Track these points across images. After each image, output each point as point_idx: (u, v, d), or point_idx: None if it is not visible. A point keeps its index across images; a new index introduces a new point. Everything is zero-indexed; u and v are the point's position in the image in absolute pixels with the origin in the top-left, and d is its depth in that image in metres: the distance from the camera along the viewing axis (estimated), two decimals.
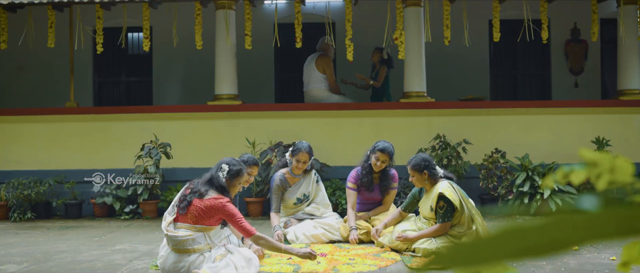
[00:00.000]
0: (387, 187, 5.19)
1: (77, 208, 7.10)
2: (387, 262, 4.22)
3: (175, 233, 3.76)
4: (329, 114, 7.40)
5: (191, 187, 3.91)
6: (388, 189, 5.22)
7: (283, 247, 3.89)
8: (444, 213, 4.38)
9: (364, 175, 5.10)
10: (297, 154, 5.19)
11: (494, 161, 6.78)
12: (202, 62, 8.73)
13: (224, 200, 3.81)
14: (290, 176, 5.31)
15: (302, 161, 5.17)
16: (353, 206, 5.10)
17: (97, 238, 5.61)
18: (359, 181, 5.14)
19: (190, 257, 3.76)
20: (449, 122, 7.25)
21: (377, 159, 5.03)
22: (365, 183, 5.13)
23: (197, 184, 3.92)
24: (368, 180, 5.11)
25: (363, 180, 5.11)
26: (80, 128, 7.47)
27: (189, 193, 3.87)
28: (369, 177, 5.11)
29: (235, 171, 3.98)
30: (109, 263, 4.40)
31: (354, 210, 5.10)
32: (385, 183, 5.18)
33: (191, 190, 3.89)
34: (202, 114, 7.41)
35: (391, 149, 5.06)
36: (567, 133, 7.36)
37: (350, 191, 5.16)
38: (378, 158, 5.02)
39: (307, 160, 5.19)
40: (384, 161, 5.01)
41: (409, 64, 7.34)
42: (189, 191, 3.88)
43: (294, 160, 5.22)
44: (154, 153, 6.80)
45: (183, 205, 3.81)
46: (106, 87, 9.78)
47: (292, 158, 5.24)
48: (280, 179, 5.27)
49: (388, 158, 5.02)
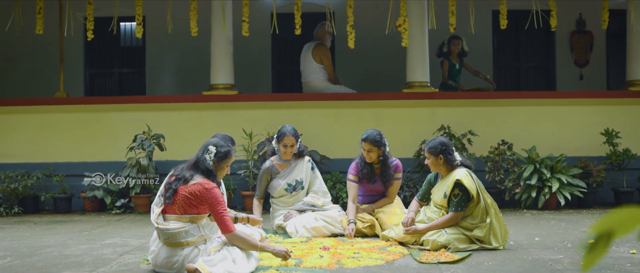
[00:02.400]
0: (388, 177, 4.96)
1: (66, 202, 6.83)
2: (395, 256, 3.96)
3: (166, 225, 3.48)
4: (328, 105, 7.14)
5: (175, 174, 3.63)
6: (390, 180, 4.99)
7: (259, 245, 3.60)
8: (458, 201, 4.13)
9: (363, 166, 4.90)
10: (283, 139, 5.04)
11: (501, 153, 6.53)
12: (197, 52, 8.47)
13: (211, 185, 3.54)
14: (279, 162, 5.16)
15: (289, 144, 5.03)
16: (354, 199, 4.87)
17: (87, 232, 5.34)
18: (360, 173, 4.92)
19: (183, 250, 3.48)
20: (452, 113, 7.01)
21: (363, 149, 4.84)
22: (366, 175, 4.92)
23: (181, 170, 3.63)
24: (368, 171, 4.91)
25: (363, 172, 4.90)
26: (70, 119, 7.19)
27: (174, 180, 3.59)
28: (368, 168, 4.91)
29: (223, 153, 3.70)
30: (97, 258, 4.12)
31: (355, 203, 4.87)
32: (386, 174, 4.94)
33: (176, 177, 3.60)
34: (197, 105, 7.13)
35: (374, 135, 4.80)
36: (575, 125, 7.12)
37: (351, 183, 4.95)
38: (363, 148, 4.83)
39: (294, 143, 5.06)
40: (369, 150, 4.79)
41: (412, 52, 7.09)
42: (173, 179, 3.60)
43: (280, 147, 5.06)
44: (147, 145, 6.53)
45: (169, 194, 3.53)
46: (98, 79, 9.49)
47: (278, 145, 5.08)
48: (267, 165, 5.14)
49: (373, 146, 4.78)
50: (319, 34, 7.45)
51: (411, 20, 6.90)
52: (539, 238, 4.63)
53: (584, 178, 6.46)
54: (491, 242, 4.14)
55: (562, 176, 6.32)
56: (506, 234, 4.23)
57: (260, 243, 3.63)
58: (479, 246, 4.13)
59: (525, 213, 6.13)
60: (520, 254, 4.04)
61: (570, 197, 6.22)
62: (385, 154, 4.88)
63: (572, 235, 4.80)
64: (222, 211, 3.49)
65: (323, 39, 7.43)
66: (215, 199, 3.48)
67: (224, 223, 3.48)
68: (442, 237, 4.09)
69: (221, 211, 3.49)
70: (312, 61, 7.36)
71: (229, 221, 3.50)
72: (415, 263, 3.81)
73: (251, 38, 7.86)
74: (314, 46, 7.39)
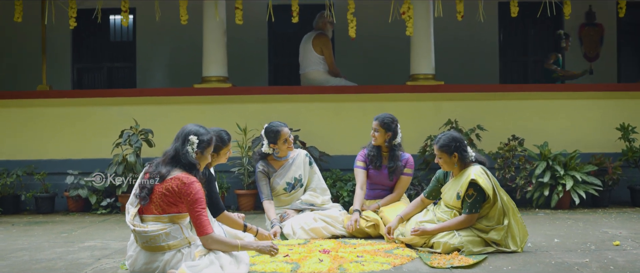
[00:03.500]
0: (395, 169, 4.62)
1: (48, 201, 6.42)
2: (402, 260, 3.55)
3: (143, 227, 3.07)
4: (328, 99, 6.74)
5: (150, 171, 3.21)
6: (398, 172, 4.63)
7: (240, 244, 3.18)
8: (472, 202, 3.72)
9: (371, 149, 4.66)
10: (279, 137, 4.62)
11: (511, 149, 6.13)
12: (190, 46, 8.06)
13: (190, 179, 3.13)
14: (275, 160, 4.74)
15: (287, 138, 4.63)
16: (362, 185, 4.60)
17: (66, 234, 4.93)
18: (367, 158, 4.66)
19: (164, 255, 3.08)
20: (459, 107, 6.61)
21: (372, 129, 4.62)
22: (372, 158, 4.63)
23: (157, 165, 3.21)
24: (375, 154, 4.64)
25: (370, 155, 4.64)
26: (53, 113, 6.78)
27: (149, 178, 3.17)
28: (376, 151, 4.65)
29: (206, 141, 3.30)
30: (71, 263, 3.72)
31: (363, 190, 4.59)
32: (394, 164, 4.60)
33: (150, 174, 3.19)
34: (188, 98, 6.72)
35: (385, 116, 4.61)
36: (588, 119, 6.73)
37: (359, 170, 4.67)
38: (372, 128, 4.62)
39: (290, 134, 4.68)
40: (376, 129, 4.59)
41: (416, 42, 6.69)
42: (148, 177, 3.19)
43: (280, 144, 4.64)
44: (134, 140, 6.11)
45: (144, 194, 3.12)
46: (86, 73, 9.08)
47: (276, 145, 4.65)
48: (263, 164, 4.72)
49: (380, 127, 4.58)
50: (319, 24, 7.04)
51: (416, 8, 6.48)
52: (559, 240, 4.24)
53: (598, 176, 6.07)
54: (509, 245, 3.74)
55: (577, 173, 5.93)
56: (525, 236, 3.84)
57: (240, 243, 3.21)
58: (495, 249, 3.73)
59: (538, 213, 5.73)
60: (541, 257, 3.64)
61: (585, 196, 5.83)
62: (393, 143, 4.62)
63: (593, 236, 4.41)
64: (200, 210, 3.08)
65: (324, 29, 7.02)
66: (195, 197, 3.08)
67: (200, 224, 3.08)
68: (454, 239, 3.69)
69: (199, 210, 3.08)
70: (312, 51, 6.95)
71: (206, 223, 3.09)
72: (426, 268, 3.41)
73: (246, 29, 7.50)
74: (314, 35, 6.98)
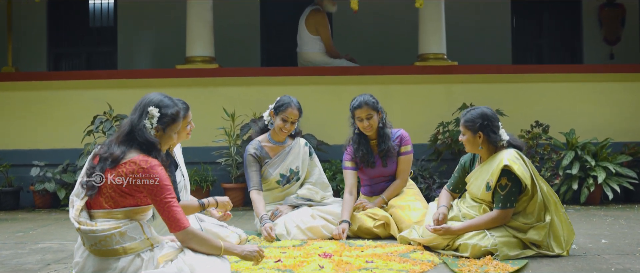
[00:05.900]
0: (388, 151, 3.88)
1: (12, 196, 5.76)
2: (423, 266, 2.84)
3: (91, 225, 2.36)
4: (327, 81, 6.05)
5: (100, 153, 2.50)
6: (393, 154, 3.91)
7: (222, 246, 2.48)
8: (506, 195, 3.01)
9: (357, 148, 3.90)
10: (285, 110, 3.89)
11: (534, 137, 5.44)
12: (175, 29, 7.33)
13: (150, 162, 2.42)
14: (271, 145, 4.00)
15: (291, 120, 3.90)
16: (351, 190, 3.83)
17: (22, 233, 4.23)
18: (356, 157, 3.91)
19: (119, 261, 2.36)
20: (473, 90, 5.94)
21: (360, 120, 3.85)
22: (362, 158, 3.90)
23: (108, 146, 2.50)
24: (364, 152, 3.89)
25: (358, 153, 3.90)
26: (20, 98, 6.11)
27: (98, 162, 2.46)
28: (364, 148, 3.89)
29: (170, 116, 2.58)
30: (14, 269, 3.02)
31: (353, 195, 3.83)
32: (385, 146, 3.87)
33: (100, 157, 2.48)
34: (170, 81, 6.00)
35: (367, 98, 3.87)
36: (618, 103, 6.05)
37: (348, 171, 3.95)
38: (360, 118, 3.85)
39: (296, 120, 3.95)
40: (368, 117, 3.83)
41: (426, 17, 6.01)
42: (98, 160, 2.48)
43: (278, 119, 3.90)
44: (107, 127, 5.40)
45: (91, 183, 2.41)
46: (64, 59, 8.37)
47: (276, 117, 3.92)
48: (256, 148, 3.97)
49: (371, 110, 3.83)
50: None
51: None
52: (606, 241, 3.54)
53: (633, 167, 5.40)
54: (552, 248, 3.04)
55: (609, 164, 5.25)
56: (571, 236, 3.13)
57: (224, 245, 2.49)
58: (535, 251, 3.02)
59: (568, 209, 5.03)
60: (594, 262, 2.93)
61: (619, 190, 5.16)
62: (384, 122, 3.91)
63: None
64: (169, 200, 2.37)
65: (321, 5, 6.31)
66: (159, 182, 2.37)
67: (172, 217, 2.37)
68: (485, 240, 2.98)
69: (168, 199, 2.37)
70: (306, 30, 6.24)
71: (180, 215, 2.39)
72: None
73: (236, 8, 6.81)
74: (309, 12, 6.26)
